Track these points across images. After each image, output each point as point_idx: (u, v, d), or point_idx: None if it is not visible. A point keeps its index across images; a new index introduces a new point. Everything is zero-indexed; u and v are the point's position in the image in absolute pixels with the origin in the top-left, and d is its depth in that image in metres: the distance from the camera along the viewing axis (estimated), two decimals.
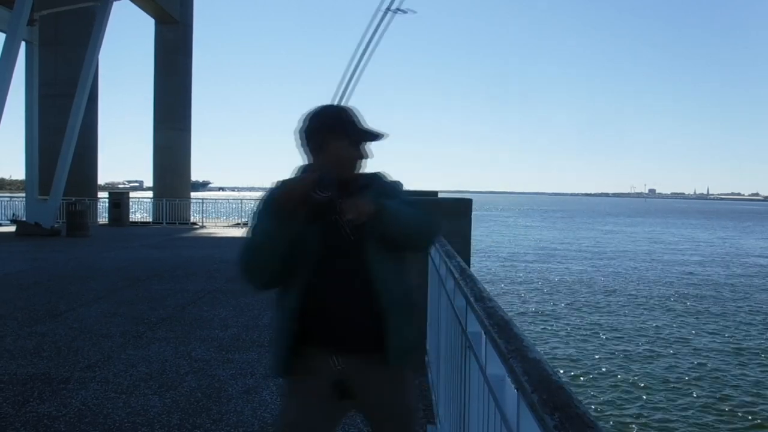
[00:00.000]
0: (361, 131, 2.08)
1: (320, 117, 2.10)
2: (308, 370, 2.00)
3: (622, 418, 8.31)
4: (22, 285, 9.04)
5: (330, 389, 1.98)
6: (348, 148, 2.06)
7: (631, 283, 20.71)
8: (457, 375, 2.36)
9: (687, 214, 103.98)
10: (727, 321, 14.78)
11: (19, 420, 3.82)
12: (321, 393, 1.99)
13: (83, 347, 5.59)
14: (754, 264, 27.54)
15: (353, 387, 1.99)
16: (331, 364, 1.97)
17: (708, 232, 53.07)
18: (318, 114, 2.11)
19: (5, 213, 23.55)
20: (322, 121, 2.08)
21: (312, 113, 2.11)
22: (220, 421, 3.86)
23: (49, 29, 22.07)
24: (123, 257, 12.93)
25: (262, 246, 1.95)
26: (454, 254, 3.01)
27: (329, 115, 2.12)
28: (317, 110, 2.12)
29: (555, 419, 0.86)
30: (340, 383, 1.97)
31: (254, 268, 1.99)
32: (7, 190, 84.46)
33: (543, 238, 41.51)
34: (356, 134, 2.07)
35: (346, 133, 2.06)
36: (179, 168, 28.75)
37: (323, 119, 2.09)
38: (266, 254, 1.95)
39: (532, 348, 1.19)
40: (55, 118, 20.28)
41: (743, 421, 8.33)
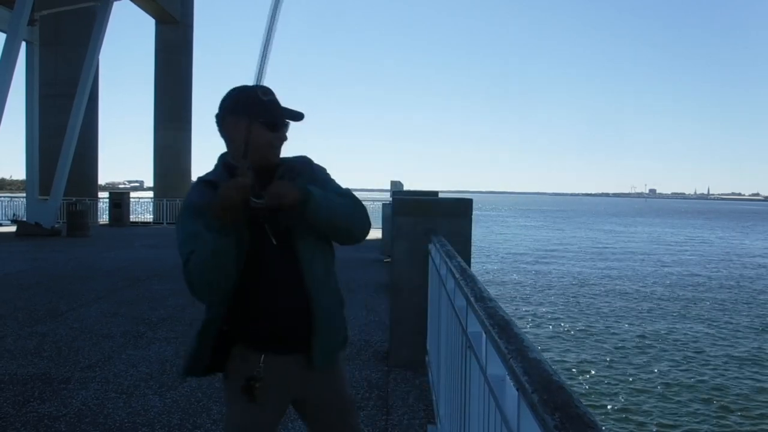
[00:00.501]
0: (273, 112, 1.89)
1: (224, 100, 1.94)
2: (239, 370, 1.92)
3: (623, 418, 8.30)
4: (23, 285, 9.05)
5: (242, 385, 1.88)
6: (260, 131, 1.85)
7: (631, 283, 20.70)
8: (458, 375, 2.36)
9: (687, 214, 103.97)
10: (728, 322, 14.77)
11: (19, 420, 3.83)
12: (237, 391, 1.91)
13: (84, 347, 5.59)
14: (754, 264, 27.52)
15: (263, 387, 1.87)
16: (251, 364, 1.89)
17: (708, 232, 53.05)
18: (225, 98, 1.94)
19: (6, 213, 23.55)
20: (225, 104, 1.92)
21: (224, 96, 1.96)
22: (220, 422, 3.86)
23: (49, 29, 22.08)
24: (123, 257, 12.93)
25: (212, 267, 1.76)
26: (455, 254, 3.02)
27: (233, 97, 1.93)
28: (226, 93, 1.95)
29: (555, 419, 0.86)
30: (249, 380, 1.86)
31: (211, 285, 1.80)
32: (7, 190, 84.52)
33: (543, 238, 41.50)
34: (268, 116, 1.88)
35: (256, 116, 1.83)
36: (180, 168, 28.77)
37: (226, 102, 1.93)
38: (221, 271, 1.78)
39: (532, 348, 1.19)
40: (56, 118, 20.29)
41: (744, 421, 8.33)
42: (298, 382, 1.99)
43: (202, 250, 1.75)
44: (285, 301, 1.93)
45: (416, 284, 4.89)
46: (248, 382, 1.86)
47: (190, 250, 1.79)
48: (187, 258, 1.80)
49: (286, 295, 1.93)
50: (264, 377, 1.87)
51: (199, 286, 1.80)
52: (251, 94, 1.87)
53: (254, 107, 1.83)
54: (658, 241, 40.69)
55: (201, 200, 1.85)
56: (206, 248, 1.74)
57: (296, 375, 1.98)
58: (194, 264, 1.77)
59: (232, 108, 1.90)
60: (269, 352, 1.92)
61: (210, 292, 1.84)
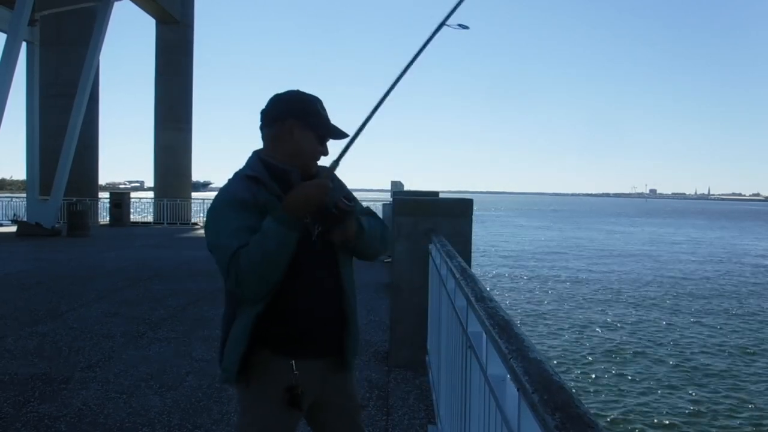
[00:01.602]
0: (330, 127, 1.98)
1: (290, 102, 1.97)
2: (265, 376, 1.90)
3: (623, 418, 8.30)
4: (23, 285, 9.05)
5: (282, 395, 1.88)
6: (313, 142, 1.96)
7: (631, 283, 20.70)
8: (458, 375, 2.36)
9: (688, 214, 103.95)
10: (729, 320, 14.76)
11: (19, 420, 3.83)
12: (278, 400, 1.89)
13: (84, 347, 5.59)
14: (754, 264, 27.51)
15: (304, 394, 1.90)
16: (287, 370, 1.88)
17: (708, 231, 53.03)
18: (288, 99, 1.98)
19: (6, 213, 23.55)
20: (292, 107, 1.96)
21: (283, 95, 1.99)
22: (220, 422, 3.86)
23: (50, 29, 22.07)
24: (124, 257, 12.93)
25: (272, 261, 1.77)
26: (455, 254, 3.02)
27: (301, 102, 1.97)
28: (288, 94, 1.99)
29: (556, 419, 0.86)
30: (292, 389, 1.87)
31: (264, 280, 1.79)
32: (7, 191, 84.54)
33: (544, 238, 41.49)
34: (324, 129, 1.97)
35: (313, 126, 1.95)
36: (180, 168, 28.77)
37: (293, 105, 1.96)
38: (279, 266, 1.80)
39: (532, 348, 1.19)
40: (56, 119, 20.28)
41: (744, 421, 8.32)
42: (320, 386, 1.99)
43: (265, 244, 1.76)
44: (321, 304, 1.95)
45: (417, 284, 4.90)
46: (290, 391, 1.87)
47: (240, 244, 1.77)
48: (234, 251, 1.77)
49: (323, 298, 1.96)
50: (301, 384, 1.89)
51: (252, 279, 1.77)
52: (315, 106, 1.96)
53: (316, 118, 1.95)
54: (657, 241, 40.68)
55: (245, 195, 1.86)
56: (271, 242, 1.76)
57: (320, 378, 1.98)
58: (251, 257, 1.75)
59: (298, 114, 1.94)
60: (299, 357, 1.91)
61: (261, 287, 1.80)
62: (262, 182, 1.89)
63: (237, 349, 1.87)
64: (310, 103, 1.97)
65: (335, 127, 1.98)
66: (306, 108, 1.96)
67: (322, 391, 2.00)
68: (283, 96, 1.99)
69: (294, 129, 1.94)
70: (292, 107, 1.95)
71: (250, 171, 1.93)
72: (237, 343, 1.87)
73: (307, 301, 1.92)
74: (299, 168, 1.94)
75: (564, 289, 18.85)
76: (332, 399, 2.05)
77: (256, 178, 1.90)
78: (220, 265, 1.82)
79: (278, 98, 1.98)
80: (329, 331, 1.97)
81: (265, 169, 1.93)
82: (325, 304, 1.96)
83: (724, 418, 8.40)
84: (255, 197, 1.85)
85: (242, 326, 1.87)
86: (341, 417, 2.08)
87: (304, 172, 1.95)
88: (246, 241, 1.78)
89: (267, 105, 1.99)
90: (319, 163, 2.03)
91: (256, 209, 1.84)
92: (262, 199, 1.86)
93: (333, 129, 1.98)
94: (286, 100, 1.98)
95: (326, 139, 1.99)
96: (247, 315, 1.86)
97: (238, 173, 1.96)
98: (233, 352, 1.88)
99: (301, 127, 1.93)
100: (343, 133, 1.98)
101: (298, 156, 1.95)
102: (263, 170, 1.93)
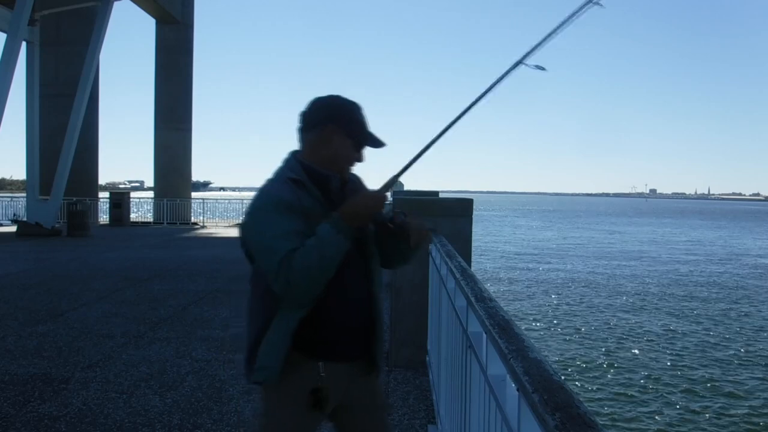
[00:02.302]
0: (368, 135, 1.99)
1: (331, 107, 1.97)
2: (293, 377, 1.91)
3: (623, 418, 8.30)
4: (24, 285, 9.05)
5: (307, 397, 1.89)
6: (351, 148, 1.97)
7: (631, 283, 20.70)
8: (458, 375, 2.36)
9: (688, 214, 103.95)
10: (728, 321, 14.77)
11: (20, 420, 3.83)
12: (303, 401, 1.90)
13: (84, 347, 5.59)
14: (753, 264, 27.52)
15: (329, 397, 1.91)
16: (314, 372, 1.89)
17: (708, 231, 53.03)
18: (329, 104, 1.98)
19: (6, 213, 23.55)
20: (332, 113, 1.96)
21: (324, 100, 1.99)
22: (220, 422, 3.86)
23: (49, 29, 22.06)
24: (124, 257, 12.93)
25: (327, 267, 1.79)
26: (455, 254, 3.02)
27: (343, 108, 1.98)
28: (329, 99, 1.99)
29: (556, 419, 0.86)
30: (318, 392, 1.89)
31: (316, 285, 1.81)
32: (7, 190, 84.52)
33: (543, 238, 41.49)
34: (362, 136, 1.98)
35: (353, 133, 1.96)
36: (180, 168, 28.74)
37: (334, 110, 1.97)
38: (331, 272, 1.82)
39: (532, 348, 1.19)
40: (56, 118, 20.27)
41: (744, 422, 8.32)
42: (346, 388, 2.00)
43: (323, 250, 1.77)
44: (356, 311, 1.97)
45: (416, 284, 4.90)
46: (316, 393, 1.88)
47: (292, 247, 1.78)
48: (285, 254, 1.77)
49: (357, 305, 1.98)
50: (328, 386, 1.90)
51: (304, 283, 1.77)
52: (356, 113, 1.98)
53: (357, 125, 1.96)
54: (657, 241, 40.67)
55: (291, 197, 1.86)
56: (330, 249, 1.78)
57: (346, 381, 1.99)
58: (307, 262, 1.76)
59: (338, 120, 1.95)
60: (328, 361, 1.92)
61: (311, 292, 1.81)
62: (305, 186, 1.90)
63: (281, 350, 1.87)
64: (351, 109, 1.98)
65: (374, 135, 1.99)
66: (347, 114, 1.97)
67: (348, 394, 2.01)
68: (324, 100, 1.99)
69: (334, 135, 1.94)
70: (332, 112, 1.96)
71: (293, 174, 1.92)
72: (280, 344, 1.87)
73: (343, 308, 1.94)
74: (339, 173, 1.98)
75: (564, 289, 18.85)
76: (359, 400, 2.05)
77: (300, 181, 1.90)
78: (267, 266, 1.81)
79: (319, 102, 1.99)
80: (359, 336, 2.00)
81: (305, 173, 1.93)
82: (359, 311, 1.98)
83: (726, 418, 8.41)
84: (300, 201, 1.86)
85: (285, 328, 1.86)
86: (368, 417, 2.10)
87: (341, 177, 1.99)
88: (296, 244, 1.78)
89: (307, 108, 1.99)
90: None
91: (300, 213, 1.85)
92: (307, 204, 1.87)
93: (371, 137, 1.99)
94: (327, 105, 1.98)
95: (363, 146, 2.00)
96: (291, 318, 1.86)
97: (280, 174, 1.95)
98: (276, 351, 1.87)
99: (340, 134, 1.94)
100: (381, 142, 1.99)
101: (335, 161, 1.96)
102: (301, 171, 1.94)
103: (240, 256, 2.02)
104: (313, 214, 1.85)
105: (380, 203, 1.88)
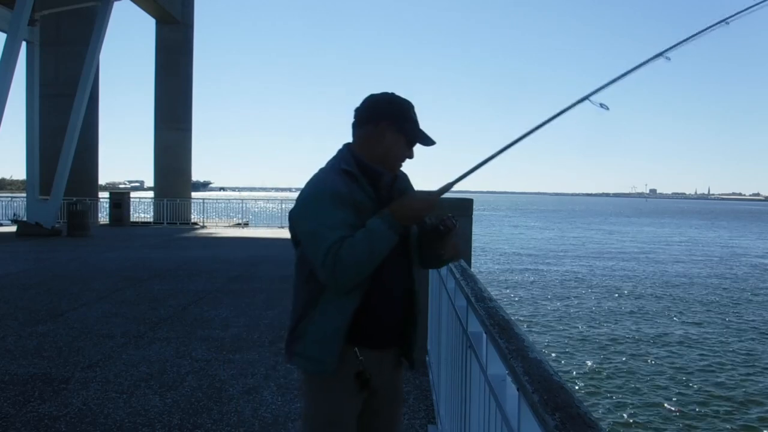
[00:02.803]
0: (420, 133, 2.03)
1: (384, 105, 2.02)
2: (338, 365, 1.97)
3: (623, 418, 8.30)
4: (24, 285, 9.05)
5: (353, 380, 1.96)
6: (403, 146, 2.02)
7: (631, 283, 20.70)
8: (458, 375, 2.36)
9: (688, 214, 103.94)
10: (730, 321, 14.76)
11: (20, 420, 3.83)
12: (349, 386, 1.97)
13: (84, 347, 5.59)
14: (753, 264, 27.52)
15: (371, 378, 1.98)
16: (354, 356, 1.95)
17: (708, 231, 53.03)
18: (383, 101, 2.03)
19: (6, 213, 23.55)
20: (386, 110, 2.01)
21: (378, 97, 2.04)
22: (220, 421, 3.86)
23: (49, 29, 22.06)
24: (124, 257, 12.93)
25: (376, 258, 1.86)
26: None
27: (397, 105, 2.03)
28: (383, 96, 2.04)
29: (556, 419, 0.86)
30: (362, 374, 1.96)
31: (361, 275, 1.87)
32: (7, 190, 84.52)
33: (543, 238, 41.50)
34: (414, 134, 2.03)
35: (405, 131, 2.01)
36: (180, 168, 28.74)
37: (387, 108, 2.01)
38: (375, 265, 1.88)
39: (532, 348, 1.19)
40: (56, 119, 20.27)
41: (745, 422, 8.32)
42: (378, 375, 2.04)
43: (373, 242, 1.84)
44: (397, 304, 2.04)
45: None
46: (360, 376, 1.95)
47: (340, 236, 1.84)
48: (334, 243, 1.82)
49: (398, 299, 2.04)
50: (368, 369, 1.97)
51: (351, 273, 1.84)
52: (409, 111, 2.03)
53: (409, 123, 2.01)
54: (657, 241, 40.67)
55: (344, 189, 1.91)
56: (380, 243, 1.85)
57: (378, 368, 2.03)
58: (356, 252, 1.82)
59: (391, 118, 2.00)
60: (363, 347, 1.97)
61: (354, 281, 1.86)
62: (358, 180, 1.95)
63: (336, 342, 1.92)
64: (404, 107, 2.02)
65: (425, 133, 2.03)
66: (400, 112, 2.01)
67: (378, 381, 2.05)
68: (378, 98, 2.04)
69: (386, 132, 1.99)
70: (386, 110, 2.01)
71: (347, 166, 1.97)
72: (335, 335, 1.92)
73: (385, 302, 2.00)
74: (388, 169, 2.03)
75: (565, 289, 18.85)
76: (383, 390, 2.09)
77: (353, 174, 1.95)
78: (314, 253, 1.87)
79: (373, 99, 2.04)
80: (396, 328, 2.06)
81: (358, 167, 1.98)
82: (399, 305, 2.05)
83: (727, 419, 8.41)
84: (352, 194, 1.92)
85: (339, 320, 1.91)
86: (387, 408, 2.15)
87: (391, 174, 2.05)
88: (344, 234, 1.84)
89: (361, 104, 2.04)
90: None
91: (352, 205, 1.91)
92: (358, 198, 1.93)
93: (423, 135, 2.03)
94: (380, 102, 2.03)
95: (415, 143, 2.04)
96: (344, 309, 1.91)
97: (334, 165, 2.00)
98: (331, 344, 1.92)
99: (393, 131, 1.99)
100: (432, 140, 2.04)
101: (386, 158, 2.02)
102: (356, 168, 1.98)
103: (240, 257, 2.03)
104: (363, 208, 1.92)
105: (431, 206, 1.95)
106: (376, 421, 2.12)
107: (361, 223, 1.88)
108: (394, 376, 2.15)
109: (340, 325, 1.91)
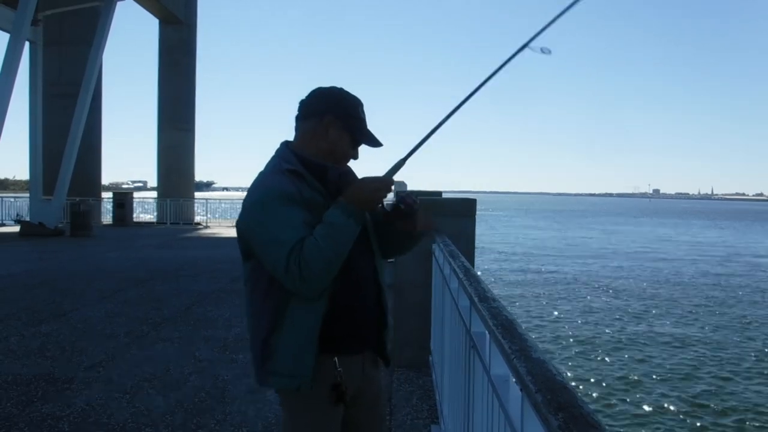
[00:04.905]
0: (366, 133, 1.95)
1: (331, 99, 1.92)
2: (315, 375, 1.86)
3: (626, 418, 8.29)
4: (26, 285, 9.07)
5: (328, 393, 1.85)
6: (347, 143, 1.93)
7: (634, 283, 20.65)
8: (461, 375, 2.35)
9: (691, 214, 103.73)
10: (731, 321, 14.72)
11: (23, 420, 3.83)
12: (327, 398, 1.87)
13: (87, 347, 5.60)
14: (754, 264, 27.45)
15: (347, 390, 1.88)
16: (331, 367, 1.85)
17: (711, 231, 52.93)
18: (330, 95, 1.93)
19: (9, 213, 23.61)
20: (332, 105, 1.92)
21: (325, 90, 1.94)
22: (224, 422, 3.87)
23: (53, 29, 22.12)
24: (127, 257, 12.96)
25: (342, 254, 1.76)
26: (458, 254, 3.01)
27: (344, 101, 1.93)
28: (331, 90, 1.94)
29: (559, 419, 0.85)
30: (338, 387, 1.85)
31: (330, 274, 1.77)
32: (11, 190, 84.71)
33: (546, 238, 41.44)
34: (360, 133, 1.94)
35: (351, 128, 1.92)
36: (183, 168, 28.79)
37: (334, 102, 1.92)
38: (342, 259, 1.78)
39: (536, 348, 1.19)
40: (59, 118, 20.32)
41: (744, 423, 8.30)
42: (360, 380, 1.97)
43: (336, 236, 1.74)
44: (366, 300, 1.95)
45: (419, 284, 4.89)
46: (336, 388, 1.85)
47: (299, 237, 1.74)
48: (294, 246, 1.72)
49: (367, 294, 1.95)
50: (345, 380, 1.86)
51: (319, 274, 1.73)
52: (357, 108, 1.94)
53: (356, 121, 1.93)
54: (658, 241, 40.59)
55: (291, 189, 1.81)
56: (342, 235, 1.75)
57: (360, 372, 1.96)
58: (320, 251, 1.72)
59: (338, 113, 1.91)
60: (342, 354, 1.88)
61: (324, 281, 1.76)
62: (304, 178, 1.85)
63: (310, 352, 1.81)
64: (352, 104, 1.94)
65: (371, 133, 1.95)
66: (347, 108, 1.92)
67: (359, 386, 1.96)
68: (326, 91, 1.95)
69: (330, 127, 1.90)
70: (332, 104, 1.91)
71: (289, 165, 1.87)
72: (308, 345, 1.81)
73: (356, 300, 1.91)
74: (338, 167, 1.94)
75: (568, 290, 18.82)
76: (364, 392, 2.01)
77: (298, 173, 1.86)
78: (275, 261, 1.75)
79: (320, 92, 1.95)
80: (371, 327, 1.98)
81: (301, 164, 1.88)
82: (368, 300, 1.95)
83: (728, 419, 8.38)
84: (300, 192, 1.82)
85: (308, 327, 1.80)
86: (369, 410, 2.06)
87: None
88: (302, 235, 1.74)
89: (307, 97, 1.95)
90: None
91: (302, 204, 1.80)
92: (307, 195, 1.83)
93: (369, 135, 1.95)
94: (327, 96, 1.93)
95: (360, 143, 1.96)
96: (312, 314, 1.80)
97: (275, 166, 1.90)
98: (306, 354, 1.81)
99: (338, 127, 1.90)
100: (378, 141, 1.96)
101: (330, 154, 1.92)
102: (297, 162, 1.89)
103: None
104: (315, 206, 1.82)
105: (388, 186, 1.83)
106: (360, 425, 2.06)
107: (316, 221, 1.78)
108: (373, 378, 2.05)
109: (312, 334, 1.80)
